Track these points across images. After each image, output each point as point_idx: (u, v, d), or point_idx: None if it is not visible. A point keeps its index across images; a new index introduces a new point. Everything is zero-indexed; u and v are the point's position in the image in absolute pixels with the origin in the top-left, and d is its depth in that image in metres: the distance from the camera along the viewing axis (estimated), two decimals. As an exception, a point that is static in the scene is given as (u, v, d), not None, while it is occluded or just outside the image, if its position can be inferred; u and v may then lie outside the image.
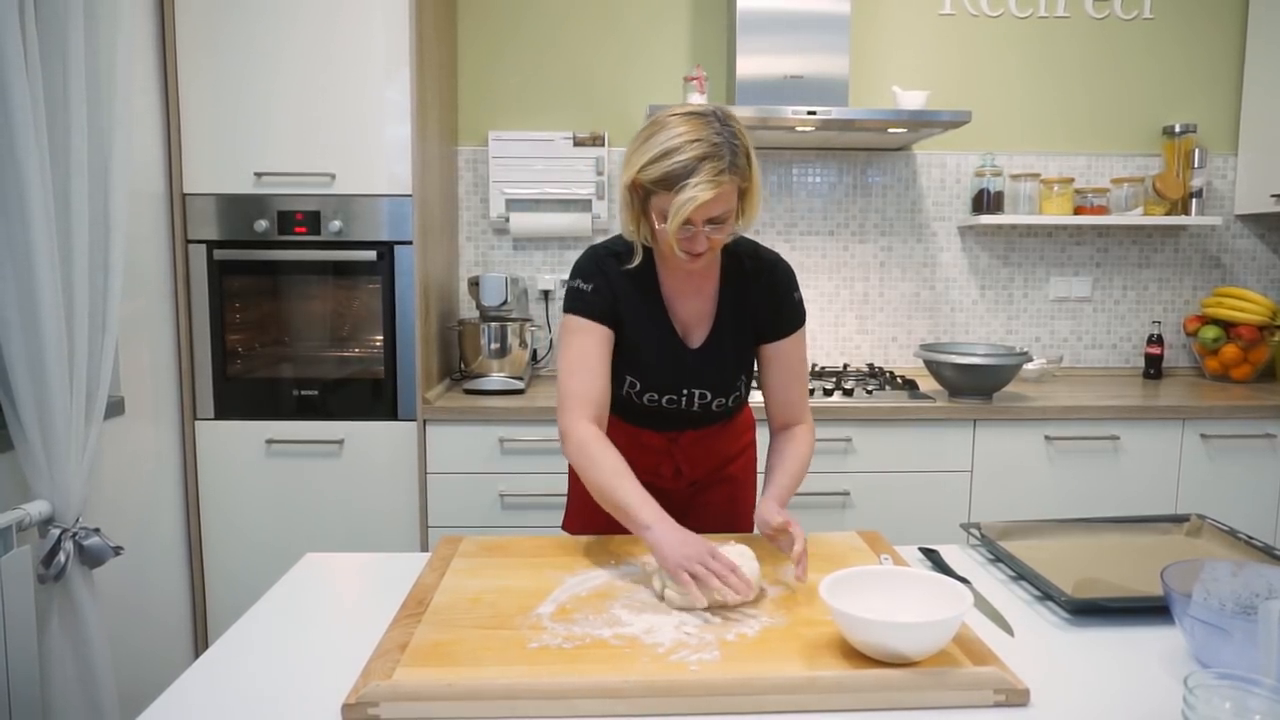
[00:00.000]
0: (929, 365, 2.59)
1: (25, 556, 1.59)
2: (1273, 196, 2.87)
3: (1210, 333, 2.92)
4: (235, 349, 2.46)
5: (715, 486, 1.64)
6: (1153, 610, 1.17)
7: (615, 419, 1.57)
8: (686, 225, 1.32)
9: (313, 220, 2.40)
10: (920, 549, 1.45)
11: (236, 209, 2.39)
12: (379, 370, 2.47)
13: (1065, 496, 2.52)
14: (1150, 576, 1.18)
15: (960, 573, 1.34)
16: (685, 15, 2.96)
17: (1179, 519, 1.54)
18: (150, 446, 2.29)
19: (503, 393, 2.56)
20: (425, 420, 2.43)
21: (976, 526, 1.50)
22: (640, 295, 1.48)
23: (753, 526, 1.67)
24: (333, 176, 2.39)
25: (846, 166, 3.04)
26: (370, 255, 2.42)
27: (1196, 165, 2.96)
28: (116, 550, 1.78)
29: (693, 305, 1.50)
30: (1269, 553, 1.36)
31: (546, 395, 2.57)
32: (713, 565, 1.18)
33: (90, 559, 1.74)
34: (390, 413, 2.47)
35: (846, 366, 3.03)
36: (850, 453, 2.48)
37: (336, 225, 2.40)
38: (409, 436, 2.45)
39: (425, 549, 2.44)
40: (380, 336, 2.47)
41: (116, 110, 1.81)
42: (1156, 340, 3.01)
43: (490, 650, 1.06)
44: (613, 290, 1.47)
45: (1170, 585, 1.07)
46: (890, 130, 2.65)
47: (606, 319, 1.46)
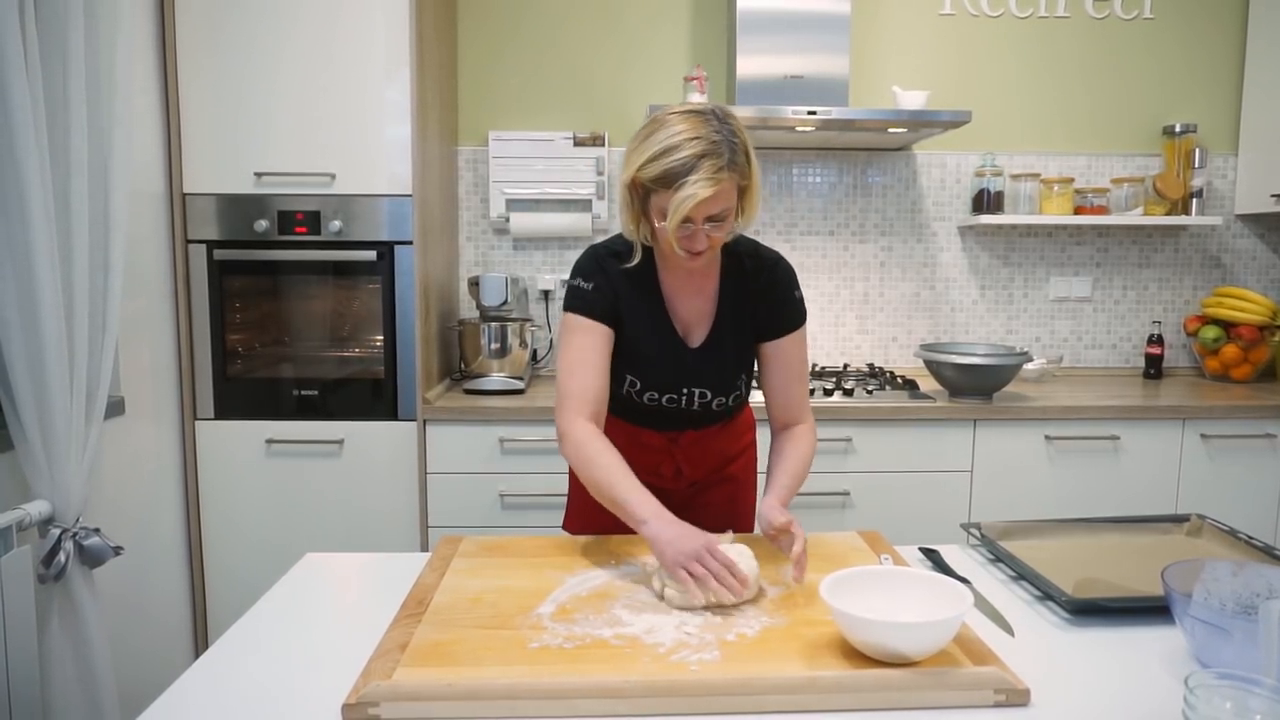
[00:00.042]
0: (929, 365, 2.59)
1: (25, 556, 1.59)
2: (1273, 196, 2.87)
3: (1210, 333, 2.92)
4: (235, 349, 2.46)
5: (716, 486, 1.63)
6: (1153, 610, 1.17)
7: (615, 419, 1.57)
8: (686, 223, 1.32)
9: (313, 220, 2.40)
10: (920, 549, 1.45)
11: (237, 209, 2.39)
12: (379, 370, 2.47)
13: (1065, 496, 2.52)
14: (1151, 576, 1.18)
15: (960, 573, 1.34)
16: (685, 15, 2.96)
17: (1179, 519, 1.54)
18: (150, 446, 2.29)
19: (503, 393, 2.56)
20: (425, 420, 2.43)
21: (977, 526, 1.50)
22: (640, 294, 1.48)
23: (753, 526, 1.67)
24: (333, 176, 2.39)
25: (847, 166, 3.04)
26: (370, 255, 2.42)
27: (1197, 165, 2.96)
28: (117, 550, 1.78)
29: (693, 304, 1.50)
30: (1269, 553, 1.36)
31: (547, 395, 2.57)
32: (709, 564, 1.17)
33: (90, 559, 1.74)
34: (390, 413, 2.47)
35: (847, 366, 3.03)
36: (850, 453, 2.48)
37: (337, 225, 2.40)
38: (409, 436, 2.45)
39: (425, 549, 2.44)
40: (380, 336, 2.47)
41: (116, 110, 1.81)
42: (1157, 340, 3.01)
43: (491, 650, 1.06)
44: (613, 289, 1.47)
45: (1171, 585, 1.07)
46: (890, 130, 2.65)
47: (607, 318, 1.46)
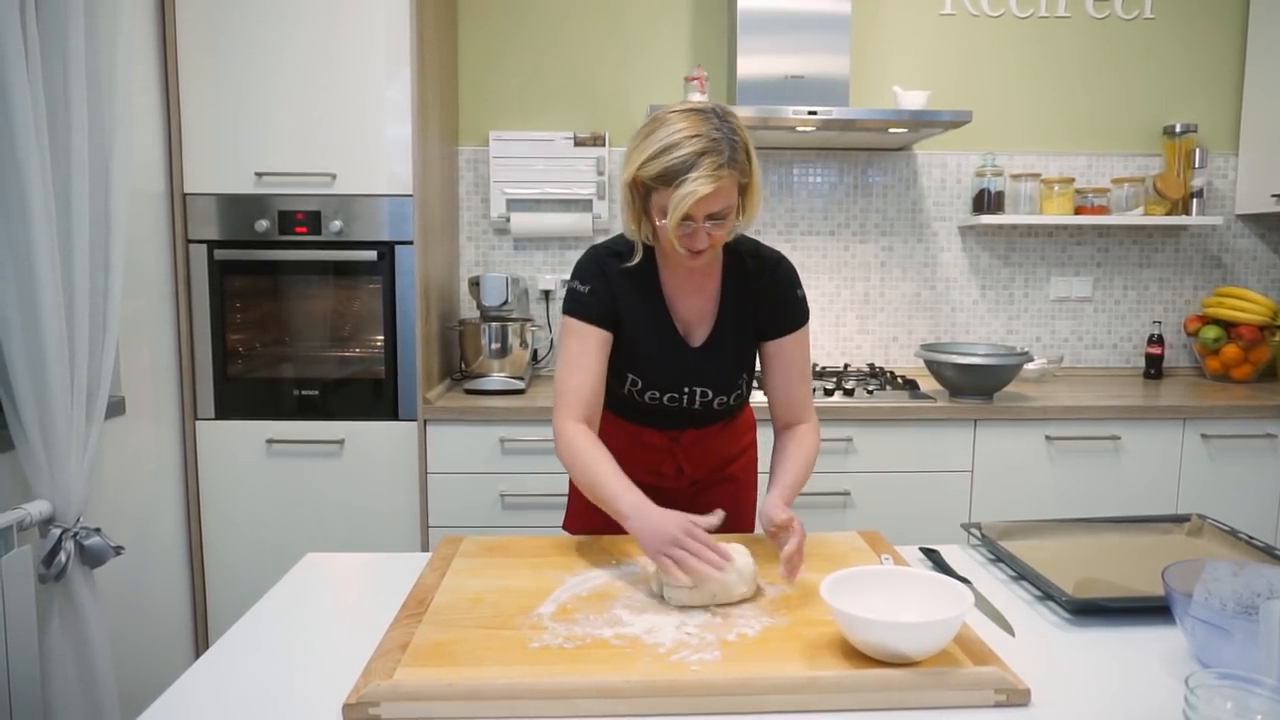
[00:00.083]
0: (930, 365, 2.59)
1: (26, 556, 1.59)
2: (1273, 196, 2.87)
3: (1211, 333, 2.92)
4: (236, 349, 2.46)
5: (716, 486, 1.63)
6: (1154, 610, 1.17)
7: (617, 418, 1.57)
8: (686, 221, 1.32)
9: (313, 220, 2.40)
10: (921, 549, 1.45)
11: (237, 209, 2.39)
12: (379, 370, 2.47)
13: (1066, 496, 2.52)
14: (1151, 576, 1.18)
15: (961, 573, 1.34)
16: (686, 15, 2.96)
17: (1180, 519, 1.54)
18: (151, 446, 2.29)
19: (503, 393, 2.56)
20: (426, 420, 2.43)
21: (977, 526, 1.50)
22: (641, 294, 1.48)
23: (754, 526, 1.67)
24: (333, 176, 2.39)
25: (847, 166, 3.04)
26: (371, 255, 2.42)
27: (1197, 165, 2.96)
28: (117, 550, 1.78)
29: (694, 304, 1.50)
30: (1270, 553, 1.36)
31: (547, 395, 2.56)
32: (688, 544, 1.18)
33: (91, 559, 1.74)
34: (391, 413, 2.47)
35: (847, 366, 3.03)
36: (851, 453, 2.48)
37: (337, 225, 2.40)
38: (409, 436, 2.45)
39: (426, 549, 2.44)
40: (381, 336, 2.47)
41: (117, 110, 1.81)
42: (1157, 340, 3.01)
43: (491, 650, 1.06)
44: (611, 291, 1.47)
45: (1171, 585, 1.07)
46: (891, 130, 2.65)
47: (603, 321, 1.46)
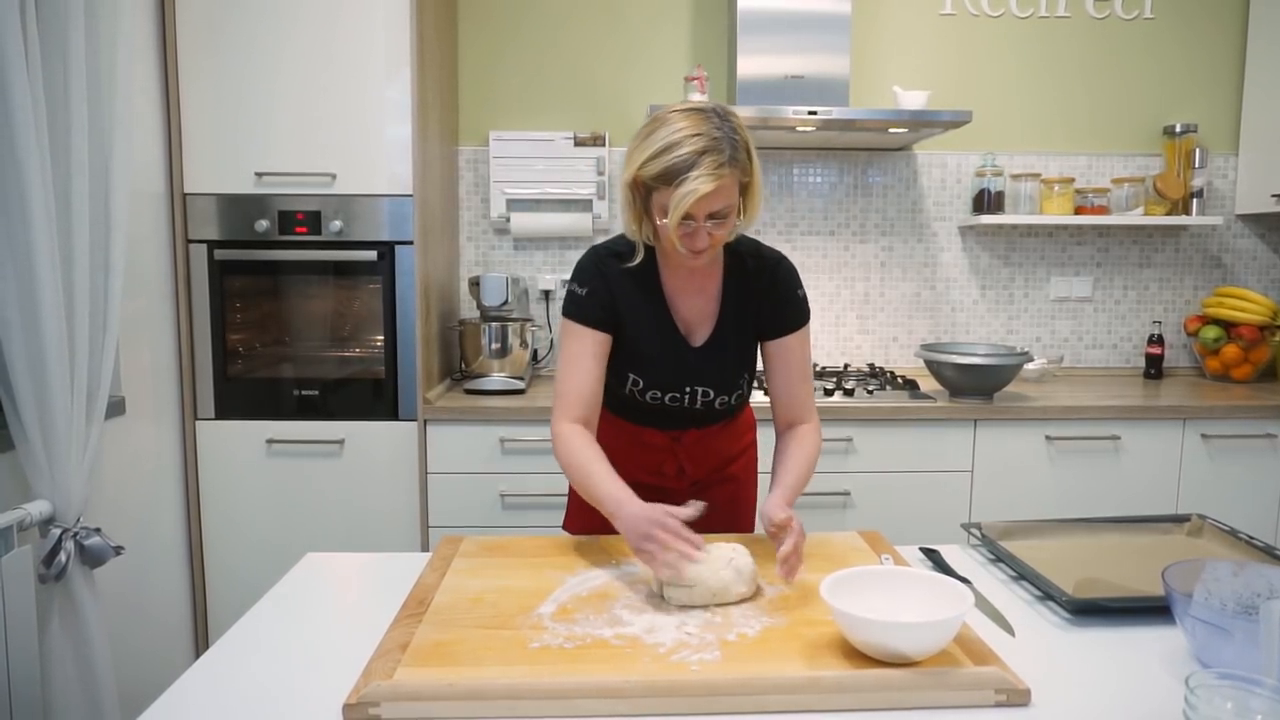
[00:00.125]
0: (930, 365, 2.59)
1: (26, 556, 1.59)
2: (1273, 196, 2.87)
3: (1211, 333, 2.92)
4: (236, 349, 2.46)
5: (717, 486, 1.63)
6: (1154, 610, 1.17)
7: (618, 418, 1.57)
8: (687, 220, 1.32)
9: (313, 220, 2.40)
10: (921, 549, 1.45)
11: (237, 209, 2.39)
12: (379, 370, 2.47)
13: (1066, 496, 2.52)
14: (1151, 576, 1.18)
15: (961, 573, 1.34)
16: (686, 15, 2.96)
17: (1180, 519, 1.54)
18: (151, 446, 2.29)
19: (503, 393, 2.56)
20: (426, 420, 2.43)
21: (977, 526, 1.50)
22: (642, 294, 1.48)
23: (754, 526, 1.67)
24: (333, 176, 2.39)
25: (847, 166, 3.04)
26: (371, 255, 2.42)
27: (1197, 165, 2.96)
28: (117, 550, 1.78)
29: (695, 304, 1.50)
30: (1270, 553, 1.36)
31: (547, 395, 2.56)
32: (659, 536, 1.19)
33: (91, 559, 1.74)
34: (391, 413, 2.47)
35: (847, 366, 3.03)
36: (851, 453, 2.48)
37: (337, 225, 2.40)
38: (409, 436, 2.45)
39: (426, 549, 2.44)
40: (381, 336, 2.47)
41: (117, 110, 1.81)
42: (1157, 340, 3.01)
43: (491, 650, 1.06)
44: (611, 292, 1.47)
45: (1171, 585, 1.07)
46: (891, 130, 2.65)
47: (600, 324, 1.46)
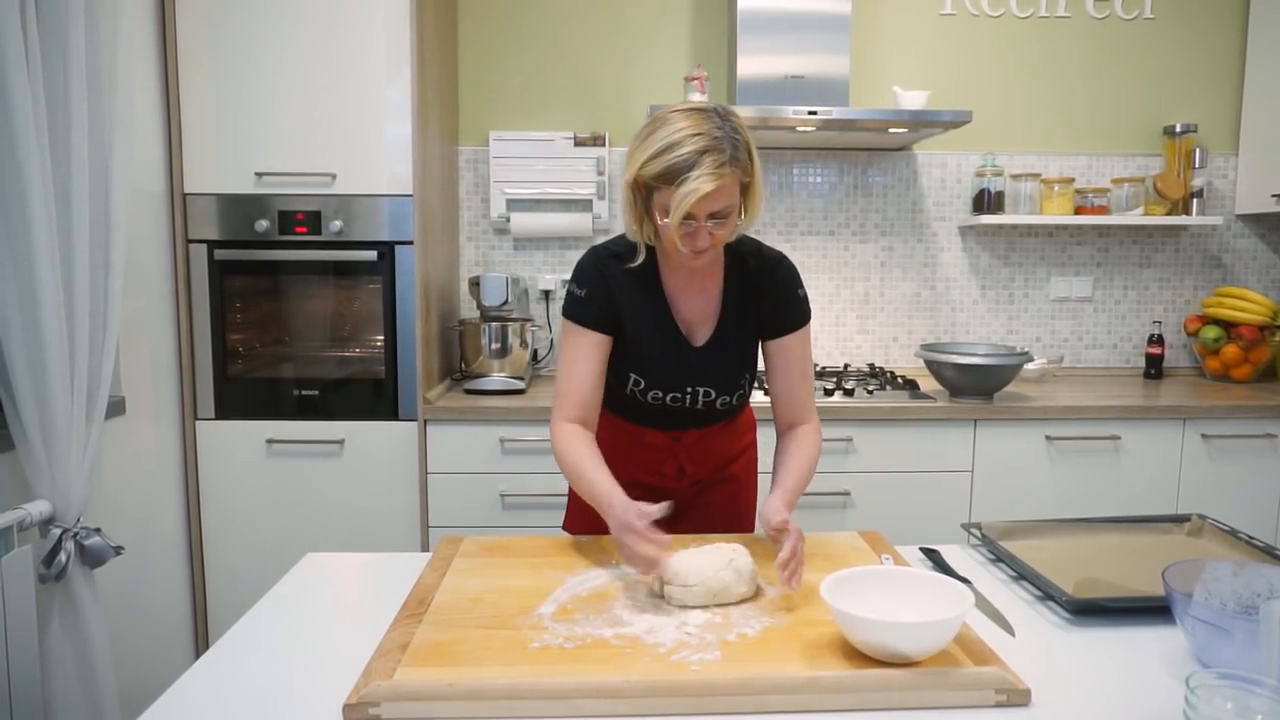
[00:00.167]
0: (930, 365, 2.59)
1: (26, 556, 1.59)
2: (1273, 196, 2.87)
3: (1211, 333, 2.92)
4: (236, 349, 2.46)
5: (717, 486, 1.64)
6: (1154, 610, 1.17)
7: (619, 418, 1.57)
8: (688, 220, 1.32)
9: (313, 220, 2.40)
10: (921, 549, 1.45)
11: (237, 209, 2.39)
12: (379, 370, 2.47)
13: (1066, 496, 2.52)
14: (1151, 576, 1.18)
15: (961, 573, 1.34)
16: (686, 15, 2.96)
17: (1180, 519, 1.54)
18: (151, 446, 2.29)
19: (503, 393, 2.56)
20: (426, 420, 2.43)
21: (977, 526, 1.50)
22: (643, 294, 1.49)
23: (754, 526, 1.67)
24: (333, 176, 2.39)
25: (847, 166, 3.04)
26: (371, 255, 2.42)
27: (1197, 165, 2.96)
28: (117, 550, 1.78)
29: (696, 304, 1.50)
30: (1270, 553, 1.36)
31: (547, 395, 2.56)
32: (626, 538, 1.22)
33: (91, 559, 1.74)
34: (391, 413, 2.47)
35: (847, 366, 3.03)
36: (851, 453, 2.48)
37: (337, 225, 2.40)
38: (409, 436, 2.45)
39: (426, 549, 2.44)
40: (381, 336, 2.47)
41: (117, 109, 1.81)
42: (1157, 340, 3.01)
43: (491, 650, 1.06)
44: (610, 293, 1.47)
45: (1171, 585, 1.07)
46: (891, 130, 2.65)
47: (599, 325, 1.47)
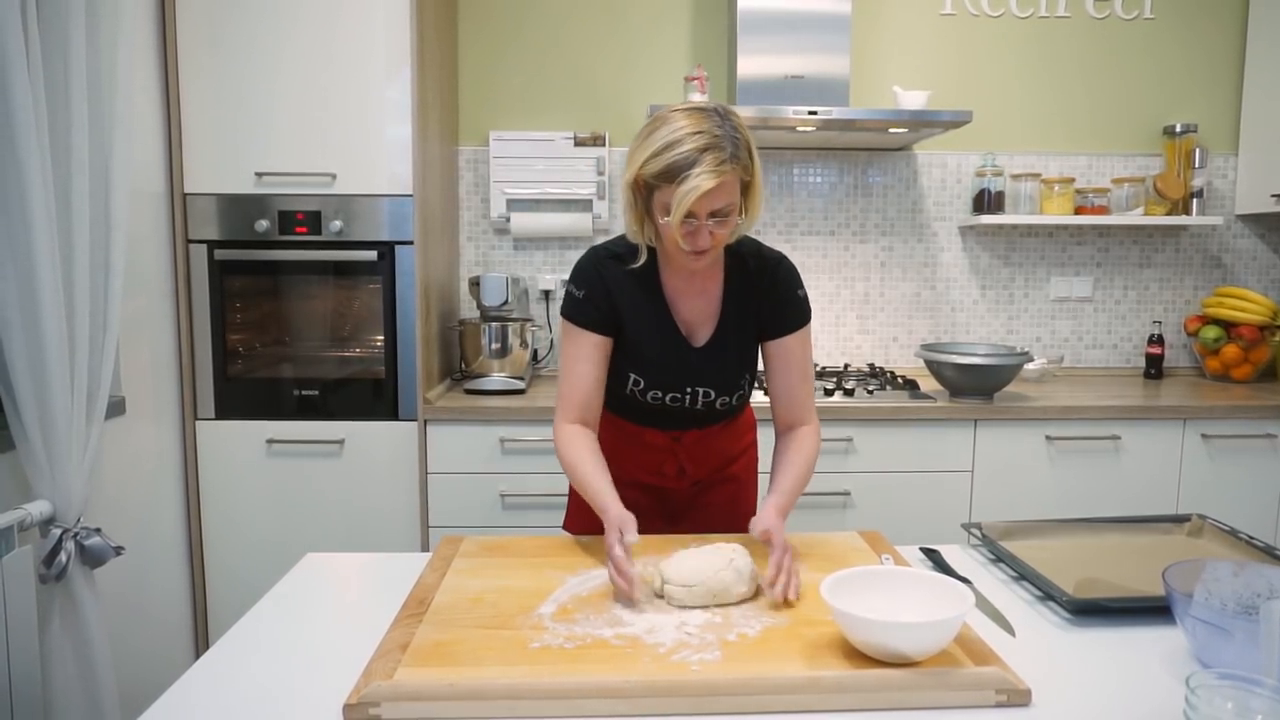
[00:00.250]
0: (930, 365, 2.59)
1: (26, 556, 1.59)
2: (1273, 196, 2.87)
3: (1211, 333, 2.92)
4: (236, 349, 2.46)
5: (718, 486, 1.64)
6: (1154, 610, 1.17)
7: (619, 418, 1.57)
8: (689, 218, 1.32)
9: (313, 220, 2.40)
10: (921, 549, 1.45)
11: (237, 209, 2.39)
12: (379, 370, 2.47)
13: (1066, 496, 2.52)
14: (1151, 577, 1.18)
15: (961, 573, 1.34)
16: (686, 15, 2.96)
17: (1180, 519, 1.54)
18: (151, 446, 2.29)
19: (503, 393, 2.56)
20: (426, 420, 2.43)
21: (977, 526, 1.50)
22: (644, 295, 1.49)
23: (754, 527, 1.67)
24: (333, 176, 2.39)
25: (847, 166, 3.04)
26: (371, 255, 2.42)
27: (1197, 165, 2.96)
28: (117, 550, 1.78)
29: (696, 305, 1.50)
30: (1270, 553, 1.36)
31: (547, 395, 2.57)
32: (609, 559, 1.23)
33: (91, 559, 1.74)
34: (391, 413, 2.47)
35: (847, 366, 3.03)
36: (851, 453, 2.48)
37: (337, 225, 2.40)
38: (409, 436, 2.45)
39: (426, 549, 2.44)
40: (381, 336, 2.47)
41: (117, 109, 1.81)
42: (1157, 340, 3.01)
43: (492, 650, 1.06)
44: (610, 294, 1.47)
45: (1172, 585, 1.07)
46: (891, 130, 2.65)
47: (598, 326, 1.47)
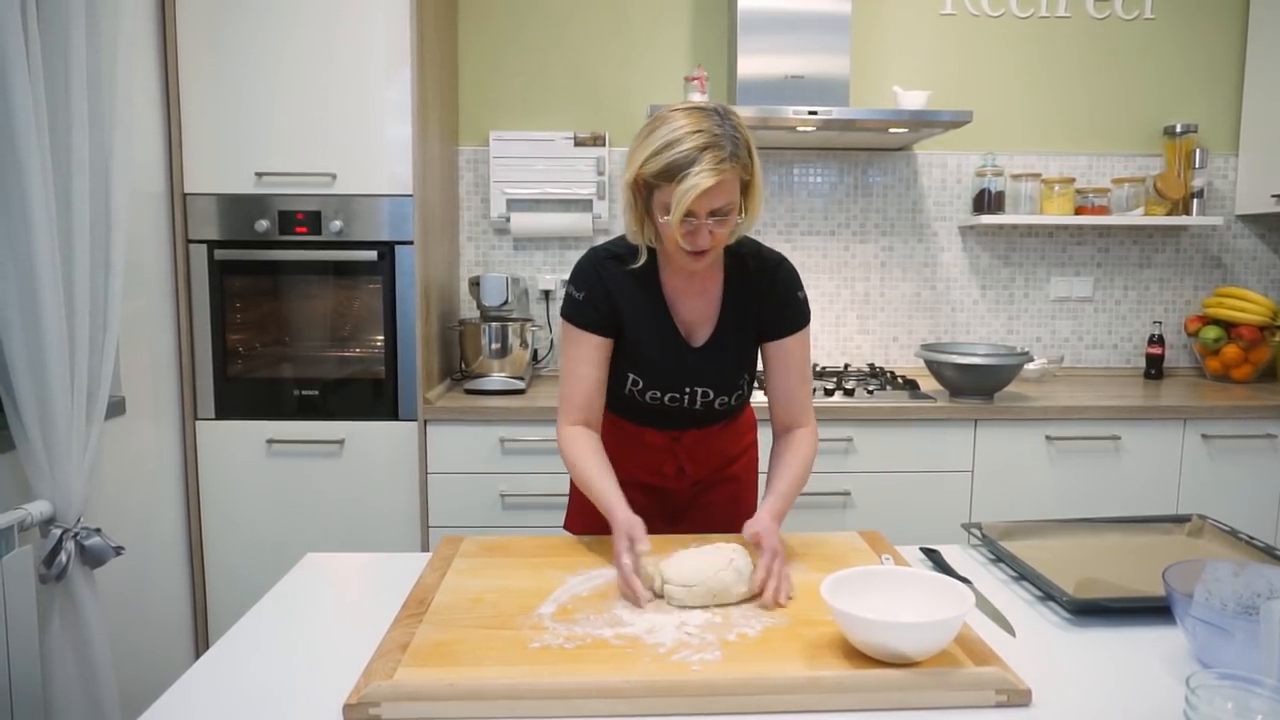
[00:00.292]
0: (930, 365, 2.59)
1: (27, 556, 1.59)
2: (1273, 196, 2.87)
3: (1211, 333, 2.92)
4: (236, 349, 2.46)
5: (718, 486, 1.64)
6: (1154, 610, 1.17)
7: (619, 418, 1.57)
8: (689, 217, 1.32)
9: (313, 220, 2.40)
10: (921, 549, 1.45)
11: (237, 209, 2.39)
12: (380, 370, 2.47)
13: (1066, 496, 2.52)
14: (1152, 577, 1.18)
15: (961, 573, 1.34)
16: (686, 15, 2.96)
17: (1180, 519, 1.54)
18: (151, 446, 2.29)
19: (503, 393, 2.56)
20: (426, 420, 2.43)
21: (978, 526, 1.50)
22: (643, 295, 1.49)
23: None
24: (334, 176, 2.39)
25: (847, 166, 3.03)
26: (371, 255, 2.42)
27: (1197, 165, 2.96)
28: (117, 550, 1.78)
29: (696, 305, 1.50)
30: (1270, 553, 1.36)
31: (547, 395, 2.57)
32: (617, 565, 1.25)
33: (91, 559, 1.74)
34: (391, 413, 2.47)
35: (847, 366, 3.03)
36: (851, 453, 2.48)
37: (337, 225, 2.40)
38: (410, 436, 2.45)
39: (426, 549, 2.44)
40: (381, 336, 2.47)
41: (118, 109, 1.81)
42: (1157, 340, 3.01)
43: (492, 650, 1.06)
44: (609, 295, 1.47)
45: (1172, 585, 1.07)
46: (891, 130, 2.65)
47: (598, 328, 1.47)
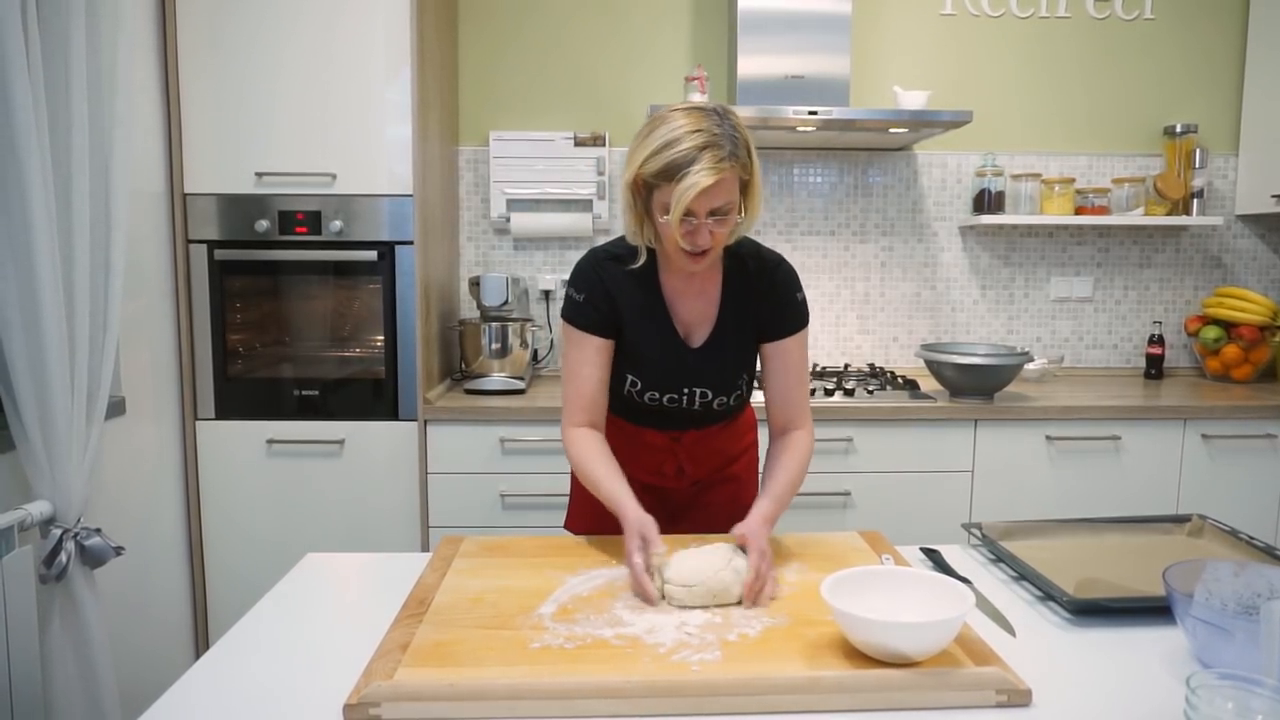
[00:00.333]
0: (930, 365, 2.59)
1: (27, 556, 1.59)
2: (1273, 197, 2.87)
3: (1211, 333, 2.92)
4: (236, 349, 2.46)
5: (718, 486, 1.64)
6: (1154, 610, 1.17)
7: (618, 418, 1.57)
8: (688, 217, 1.32)
9: (314, 220, 2.40)
10: (921, 549, 1.45)
11: (237, 209, 2.39)
12: (380, 370, 2.47)
13: (1066, 496, 2.52)
14: (1152, 577, 1.18)
15: (962, 573, 1.34)
16: (686, 15, 2.96)
17: (1180, 519, 1.54)
18: (151, 446, 2.29)
19: (503, 393, 2.56)
20: (426, 420, 2.43)
21: (978, 527, 1.50)
22: (642, 295, 1.49)
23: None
24: (334, 176, 2.39)
25: (847, 166, 3.03)
26: (371, 255, 2.42)
27: (1197, 165, 2.96)
28: (118, 550, 1.78)
29: (695, 306, 1.50)
30: (1270, 553, 1.36)
31: (547, 395, 2.57)
32: (628, 565, 1.25)
33: (91, 559, 1.74)
34: (391, 413, 2.47)
35: (847, 366, 3.03)
36: (851, 453, 2.48)
37: (337, 225, 2.40)
38: (410, 436, 2.45)
39: (426, 549, 2.44)
40: (381, 336, 2.47)
41: (118, 109, 1.81)
42: (1157, 340, 3.01)
43: (492, 650, 1.06)
44: (609, 296, 1.48)
45: (1172, 585, 1.07)
46: (891, 130, 2.65)
47: (599, 329, 1.47)
